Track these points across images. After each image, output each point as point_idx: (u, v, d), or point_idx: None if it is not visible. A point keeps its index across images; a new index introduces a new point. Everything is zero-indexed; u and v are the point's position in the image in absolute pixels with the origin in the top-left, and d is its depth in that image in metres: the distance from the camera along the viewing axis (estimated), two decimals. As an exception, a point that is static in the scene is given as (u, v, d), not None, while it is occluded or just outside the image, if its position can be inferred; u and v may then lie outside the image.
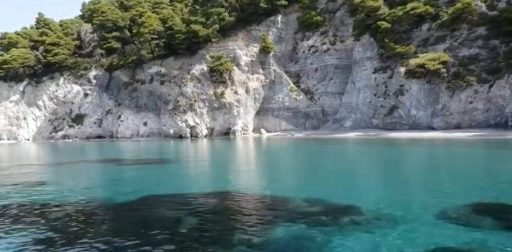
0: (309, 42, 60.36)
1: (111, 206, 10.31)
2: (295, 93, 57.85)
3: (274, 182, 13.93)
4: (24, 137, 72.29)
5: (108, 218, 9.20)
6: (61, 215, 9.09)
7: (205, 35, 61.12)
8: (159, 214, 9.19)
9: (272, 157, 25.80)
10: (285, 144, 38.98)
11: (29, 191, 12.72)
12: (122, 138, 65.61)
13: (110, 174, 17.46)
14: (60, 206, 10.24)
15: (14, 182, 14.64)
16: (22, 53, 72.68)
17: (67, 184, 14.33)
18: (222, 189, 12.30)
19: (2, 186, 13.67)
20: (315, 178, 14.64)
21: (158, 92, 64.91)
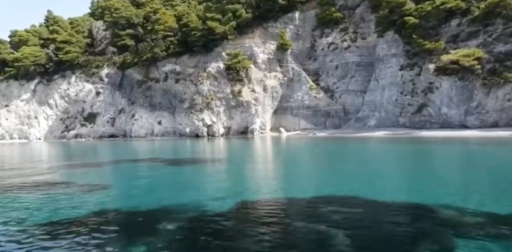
0: (328, 39, 59.04)
1: (229, 214, 8.80)
2: (314, 92, 56.53)
3: (369, 184, 12.57)
4: (35, 136, 71.12)
5: (238, 228, 7.76)
6: (172, 226, 7.75)
7: (222, 32, 59.87)
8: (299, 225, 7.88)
9: (316, 158, 24.21)
10: (312, 143, 37.59)
11: (102, 196, 11.42)
12: (136, 138, 64.36)
13: (173, 176, 15.61)
14: (153, 213, 8.95)
15: (76, 185, 13.27)
16: (33, 51, 71.52)
17: (136, 187, 12.97)
18: (322, 192, 11.00)
19: (68, 191, 12.32)
20: (385, 181, 13.31)
21: (173, 90, 63.67)
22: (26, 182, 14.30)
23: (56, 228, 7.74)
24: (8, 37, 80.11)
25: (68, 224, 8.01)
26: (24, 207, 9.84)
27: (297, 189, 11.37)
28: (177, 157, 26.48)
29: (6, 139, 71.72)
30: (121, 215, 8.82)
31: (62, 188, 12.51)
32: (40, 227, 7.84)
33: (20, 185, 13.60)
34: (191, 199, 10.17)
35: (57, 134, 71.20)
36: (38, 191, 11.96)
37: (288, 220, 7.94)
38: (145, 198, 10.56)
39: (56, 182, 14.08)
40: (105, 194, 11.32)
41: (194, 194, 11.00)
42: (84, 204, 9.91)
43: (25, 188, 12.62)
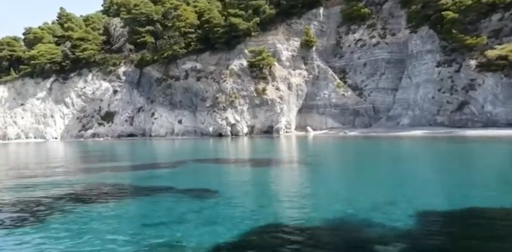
0: (355, 35, 57.41)
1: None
2: (342, 89, 54.93)
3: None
4: (51, 136, 69.77)
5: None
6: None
7: (245, 29, 58.36)
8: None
9: (391, 159, 21.98)
10: (353, 143, 35.99)
11: (220, 203, 9.88)
12: (156, 137, 62.90)
13: (268, 178, 13.83)
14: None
15: (182, 191, 11.45)
16: (49, 48, 70.18)
17: (251, 193, 11.32)
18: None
19: (185, 198, 10.75)
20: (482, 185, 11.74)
21: (194, 88, 62.16)
22: (124, 188, 12.71)
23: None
24: (22, 34, 78.94)
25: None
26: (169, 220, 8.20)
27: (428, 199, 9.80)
28: (234, 157, 24.43)
29: (21, 138, 70.43)
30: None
31: (180, 195, 10.63)
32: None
33: (125, 191, 12.00)
34: (348, 210, 8.63)
35: (74, 133, 69.83)
36: (164, 200, 10.23)
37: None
38: (311, 207, 9.00)
39: (154, 187, 12.40)
40: (225, 202, 9.77)
41: (338, 203, 9.46)
42: (225, 218, 8.36)
43: (135, 196, 10.86)
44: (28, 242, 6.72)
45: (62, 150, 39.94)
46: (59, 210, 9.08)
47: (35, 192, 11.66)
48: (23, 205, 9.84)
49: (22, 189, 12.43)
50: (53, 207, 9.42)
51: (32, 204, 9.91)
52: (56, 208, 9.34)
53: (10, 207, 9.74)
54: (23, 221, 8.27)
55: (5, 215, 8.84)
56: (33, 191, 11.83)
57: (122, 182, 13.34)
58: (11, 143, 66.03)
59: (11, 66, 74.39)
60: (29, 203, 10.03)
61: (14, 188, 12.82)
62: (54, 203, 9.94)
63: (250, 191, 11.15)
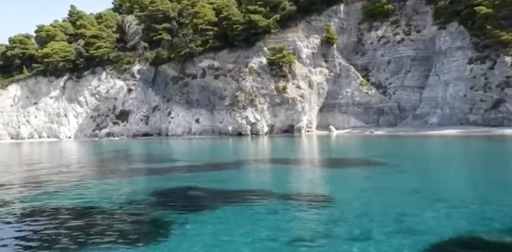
0: (378, 32, 56.15)
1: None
2: (366, 88, 53.65)
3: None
4: (65, 135, 68.64)
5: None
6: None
7: (265, 26, 57.17)
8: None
9: (461, 159, 20.14)
10: (392, 142, 34.71)
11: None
12: (173, 136, 61.70)
13: (371, 181, 12.34)
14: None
15: (295, 197, 9.84)
16: (63, 46, 69.09)
17: (377, 201, 10.06)
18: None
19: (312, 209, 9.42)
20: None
21: (212, 86, 60.96)
22: (215, 191, 11.43)
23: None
24: (34, 32, 77.78)
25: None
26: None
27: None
28: (290, 157, 22.26)
29: (34, 138, 69.33)
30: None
31: (290, 202, 9.19)
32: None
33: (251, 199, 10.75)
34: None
35: (88, 132, 68.70)
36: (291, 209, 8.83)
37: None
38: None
39: (246, 190, 11.13)
40: (352, 210, 8.54)
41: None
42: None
43: (241, 201, 9.48)
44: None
45: (92, 150, 38.57)
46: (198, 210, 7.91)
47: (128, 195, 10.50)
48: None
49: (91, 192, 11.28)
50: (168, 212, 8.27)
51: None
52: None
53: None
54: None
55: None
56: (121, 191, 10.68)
57: (204, 185, 12.05)
58: (24, 142, 64.97)
59: (23, 64, 73.26)
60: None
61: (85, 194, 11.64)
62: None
63: (366, 196, 9.86)
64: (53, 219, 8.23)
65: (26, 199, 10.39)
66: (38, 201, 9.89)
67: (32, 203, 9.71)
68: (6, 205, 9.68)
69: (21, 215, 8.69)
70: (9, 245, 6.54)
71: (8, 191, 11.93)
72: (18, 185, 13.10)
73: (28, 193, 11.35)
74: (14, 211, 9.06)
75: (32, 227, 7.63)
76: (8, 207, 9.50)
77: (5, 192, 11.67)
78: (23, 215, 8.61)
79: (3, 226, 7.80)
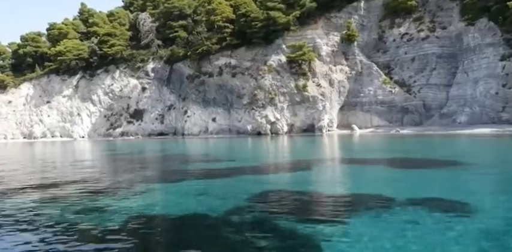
0: (401, 29, 54.88)
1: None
2: (389, 86, 52.41)
3: None
4: (79, 134, 67.59)
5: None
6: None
7: (284, 23, 55.95)
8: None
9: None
10: (428, 142, 33.43)
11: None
12: (189, 136, 60.58)
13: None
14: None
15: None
16: (76, 44, 68.07)
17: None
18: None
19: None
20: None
21: (229, 85, 59.80)
22: (314, 195, 10.35)
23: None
24: (46, 30, 76.67)
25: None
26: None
27: None
28: (353, 156, 20.80)
29: (47, 137, 68.31)
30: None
31: (431, 211, 7.94)
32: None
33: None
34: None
35: (102, 131, 67.68)
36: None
37: None
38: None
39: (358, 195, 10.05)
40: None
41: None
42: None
43: (366, 210, 8.31)
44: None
45: (126, 150, 37.14)
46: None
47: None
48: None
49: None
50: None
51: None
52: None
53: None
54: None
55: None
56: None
57: (300, 188, 10.85)
58: (37, 141, 63.96)
59: (36, 62, 72.27)
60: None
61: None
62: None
63: (498, 200, 8.68)
64: (167, 231, 7.11)
65: (125, 206, 9.23)
66: (142, 209, 8.74)
67: (143, 212, 8.53)
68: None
69: (135, 224, 7.54)
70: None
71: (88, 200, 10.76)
72: (97, 192, 11.93)
73: (117, 201, 10.19)
74: (122, 221, 7.91)
75: (156, 237, 6.50)
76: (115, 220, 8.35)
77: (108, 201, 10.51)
78: (138, 224, 7.46)
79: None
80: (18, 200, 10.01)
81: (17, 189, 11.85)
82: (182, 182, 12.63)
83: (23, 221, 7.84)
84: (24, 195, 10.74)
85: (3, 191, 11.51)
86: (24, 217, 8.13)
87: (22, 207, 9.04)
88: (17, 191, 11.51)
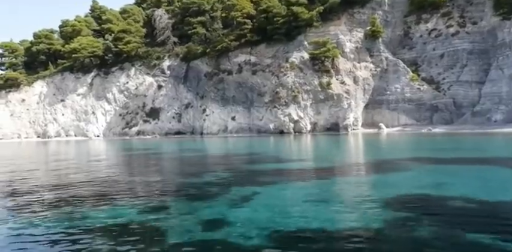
0: (428, 25, 53.25)
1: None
2: (417, 83, 50.80)
3: None
4: (94, 134, 66.17)
5: None
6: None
7: (308, 19, 54.39)
8: None
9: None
10: (474, 140, 31.83)
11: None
12: (208, 135, 59.08)
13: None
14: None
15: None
16: (90, 41, 66.59)
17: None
18: None
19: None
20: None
21: (249, 82, 58.29)
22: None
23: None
24: (59, 27, 75.30)
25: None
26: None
27: None
28: (427, 156, 18.66)
29: (61, 136, 66.92)
30: None
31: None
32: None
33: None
34: None
35: (117, 130, 66.25)
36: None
37: None
38: None
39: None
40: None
41: None
42: None
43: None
44: None
45: (165, 149, 35.51)
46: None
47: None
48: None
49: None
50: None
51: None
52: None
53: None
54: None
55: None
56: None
57: (431, 192, 9.35)
58: (51, 141, 62.60)
59: (49, 60, 70.87)
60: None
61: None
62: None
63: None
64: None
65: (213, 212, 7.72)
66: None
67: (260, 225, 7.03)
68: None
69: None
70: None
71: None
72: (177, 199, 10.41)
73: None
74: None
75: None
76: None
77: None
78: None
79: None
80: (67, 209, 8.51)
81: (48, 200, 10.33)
82: (281, 184, 11.10)
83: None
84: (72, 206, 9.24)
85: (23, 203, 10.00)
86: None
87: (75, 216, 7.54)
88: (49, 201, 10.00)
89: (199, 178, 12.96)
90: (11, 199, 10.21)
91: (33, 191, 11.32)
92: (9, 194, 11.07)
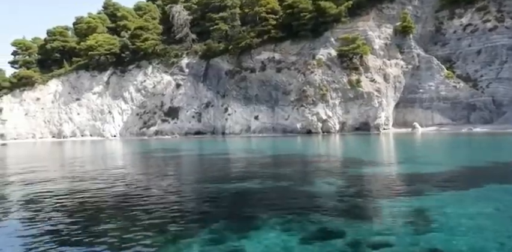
0: (463, 20, 50.98)
1: None
2: (453, 81, 48.53)
3: None
4: (110, 133, 64.18)
5: None
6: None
7: (336, 14, 52.27)
8: None
9: None
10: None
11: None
12: (230, 135, 56.97)
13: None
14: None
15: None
16: (107, 38, 64.61)
17: None
18: None
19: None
20: None
21: (274, 80, 56.19)
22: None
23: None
24: (73, 24, 73.36)
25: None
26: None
27: None
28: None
29: (77, 136, 64.96)
30: None
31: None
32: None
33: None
34: None
35: (134, 130, 64.24)
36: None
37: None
38: None
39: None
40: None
41: None
42: None
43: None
44: None
45: (208, 150, 33.28)
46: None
47: None
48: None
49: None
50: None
51: None
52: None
53: None
54: None
55: None
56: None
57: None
58: (66, 141, 60.70)
59: (63, 58, 68.96)
60: None
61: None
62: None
63: None
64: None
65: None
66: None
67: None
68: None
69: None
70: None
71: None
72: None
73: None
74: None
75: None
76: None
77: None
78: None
79: None
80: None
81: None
82: (430, 194, 8.94)
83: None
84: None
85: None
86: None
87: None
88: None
89: (318, 187, 10.81)
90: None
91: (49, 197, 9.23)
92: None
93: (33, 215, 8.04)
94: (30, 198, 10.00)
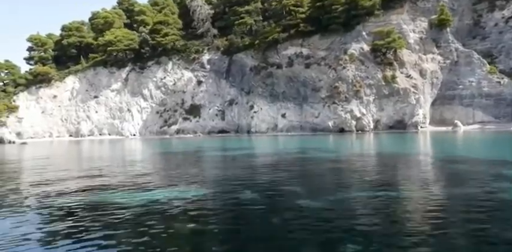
0: (504, 12, 48.50)
1: None
2: (496, 76, 45.99)
3: None
4: (130, 132, 61.96)
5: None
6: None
7: (369, 7, 49.79)
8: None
9: None
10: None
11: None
12: (256, 133, 54.62)
13: None
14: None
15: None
16: (126, 34, 62.35)
17: None
18: None
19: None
20: None
21: (302, 77, 53.78)
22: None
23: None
24: (89, 20, 71.17)
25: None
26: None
27: None
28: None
29: (95, 135, 62.81)
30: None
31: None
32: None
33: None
34: None
35: (154, 129, 62.02)
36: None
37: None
38: None
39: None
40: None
41: None
42: None
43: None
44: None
45: (277, 150, 31.33)
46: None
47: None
48: None
49: None
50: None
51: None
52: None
53: None
54: None
55: None
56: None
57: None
58: (84, 140, 58.54)
59: (79, 54, 66.78)
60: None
61: None
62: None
63: None
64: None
65: None
66: None
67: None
68: None
69: None
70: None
71: None
72: None
73: None
74: None
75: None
76: None
77: None
78: None
79: None
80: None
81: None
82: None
83: None
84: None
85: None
86: None
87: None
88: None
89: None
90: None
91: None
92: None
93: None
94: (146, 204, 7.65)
